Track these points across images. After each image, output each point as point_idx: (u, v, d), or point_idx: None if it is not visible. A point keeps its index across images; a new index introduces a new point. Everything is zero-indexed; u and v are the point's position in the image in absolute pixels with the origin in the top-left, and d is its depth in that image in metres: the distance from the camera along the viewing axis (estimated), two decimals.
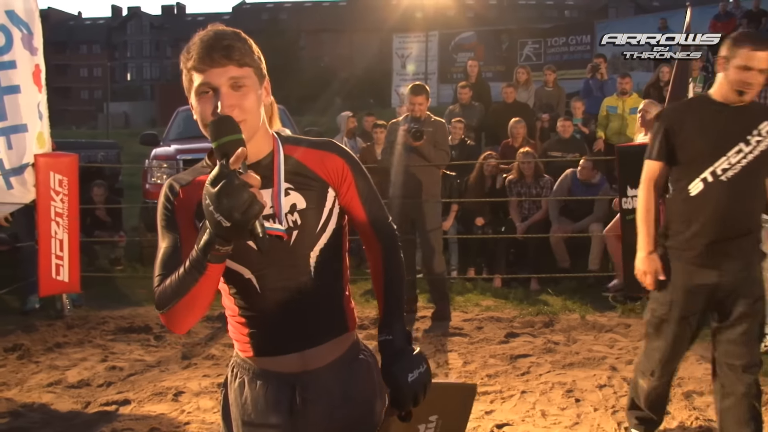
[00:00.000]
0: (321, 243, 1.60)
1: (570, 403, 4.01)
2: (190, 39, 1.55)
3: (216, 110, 1.47)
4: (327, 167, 1.62)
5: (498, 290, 6.79)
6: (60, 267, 5.56)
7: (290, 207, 1.56)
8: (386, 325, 1.64)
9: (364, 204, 1.67)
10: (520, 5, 60.36)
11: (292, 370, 1.60)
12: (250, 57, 1.52)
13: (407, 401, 1.57)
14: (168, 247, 1.56)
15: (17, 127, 5.27)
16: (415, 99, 5.68)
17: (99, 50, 64.48)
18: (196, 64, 1.48)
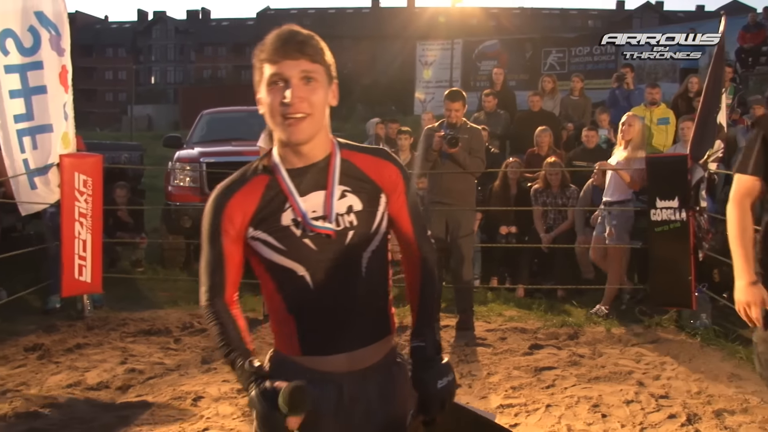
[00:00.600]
0: (373, 245, 1.65)
1: (596, 419, 3.90)
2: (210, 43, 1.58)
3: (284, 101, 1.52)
4: (382, 174, 1.68)
5: (521, 300, 6.69)
6: (83, 267, 5.57)
7: (347, 208, 1.62)
8: (420, 333, 1.69)
9: (410, 214, 1.74)
10: (543, 14, 60.26)
11: (339, 370, 1.62)
12: (321, 56, 1.57)
13: (435, 407, 1.62)
14: (213, 260, 1.63)
15: (43, 127, 5.31)
16: (452, 105, 5.63)
17: (124, 54, 65.24)
18: (270, 56, 1.54)
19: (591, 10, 63.43)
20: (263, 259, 1.62)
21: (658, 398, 4.17)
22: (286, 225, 1.59)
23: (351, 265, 1.62)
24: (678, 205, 5.37)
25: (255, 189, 1.59)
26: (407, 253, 1.78)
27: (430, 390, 1.61)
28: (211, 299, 1.63)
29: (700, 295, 5.50)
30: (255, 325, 5.78)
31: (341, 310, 1.61)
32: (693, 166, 5.40)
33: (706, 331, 5.40)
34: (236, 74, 62.15)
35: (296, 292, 1.61)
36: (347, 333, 1.62)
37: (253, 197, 1.58)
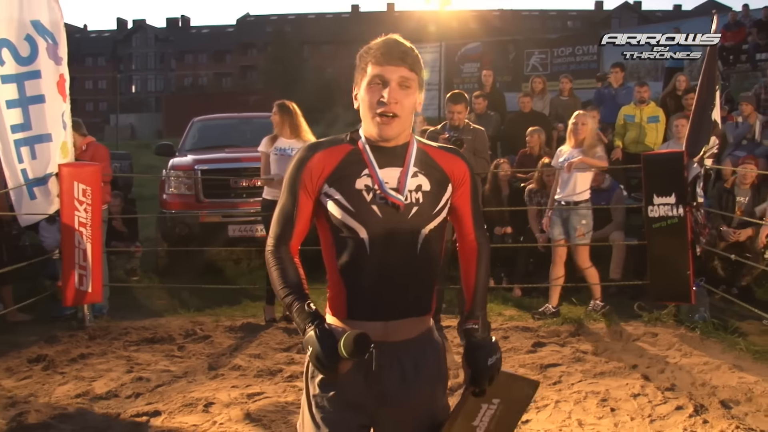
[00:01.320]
0: (432, 224, 1.81)
1: (606, 413, 3.96)
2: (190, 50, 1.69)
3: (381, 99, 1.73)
4: (453, 167, 1.88)
5: (519, 300, 6.75)
6: (83, 277, 5.54)
7: (416, 186, 1.80)
8: (473, 316, 1.90)
9: (472, 207, 1.94)
10: (523, 16, 60.62)
11: (374, 338, 1.72)
12: (418, 66, 1.78)
13: (484, 381, 1.81)
14: (287, 208, 1.82)
15: (42, 137, 5.28)
16: (455, 107, 5.67)
17: (104, 63, 64.80)
18: (375, 59, 1.75)
19: (570, 11, 63.95)
20: (331, 217, 1.78)
21: (664, 391, 4.23)
22: (359, 189, 1.76)
23: (408, 239, 1.77)
24: (675, 201, 5.45)
25: (338, 152, 1.80)
26: (464, 242, 1.97)
27: (481, 366, 1.80)
28: (277, 245, 1.82)
29: (698, 289, 5.58)
30: (257, 330, 5.79)
31: (389, 279, 1.76)
32: (689, 163, 5.49)
33: (705, 324, 5.49)
34: (217, 81, 61.98)
35: (353, 254, 1.76)
36: (389, 303, 1.77)
37: (335, 158, 1.79)
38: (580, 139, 5.98)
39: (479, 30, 40.51)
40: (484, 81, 9.95)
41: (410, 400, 1.82)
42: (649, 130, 8.24)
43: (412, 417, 1.85)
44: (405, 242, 1.76)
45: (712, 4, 49.25)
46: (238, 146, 8.40)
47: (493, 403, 1.90)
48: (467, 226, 1.94)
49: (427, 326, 1.88)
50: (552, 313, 6.03)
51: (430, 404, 1.87)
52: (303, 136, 5.85)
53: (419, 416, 1.85)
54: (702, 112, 5.49)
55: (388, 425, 1.84)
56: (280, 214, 1.83)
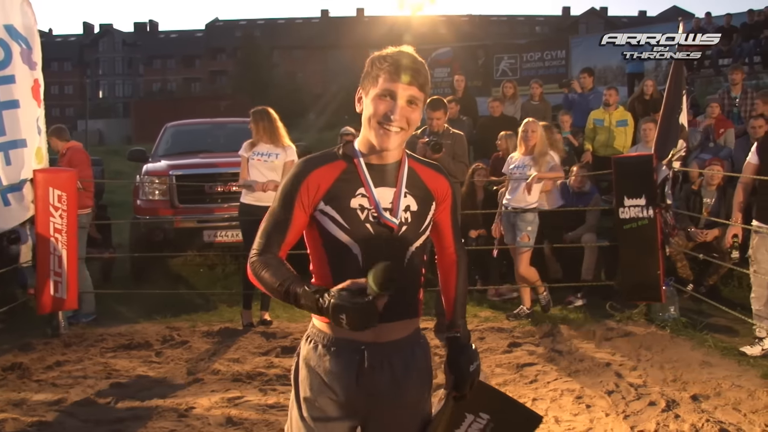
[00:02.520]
0: (418, 242, 1.90)
1: (581, 410, 4.06)
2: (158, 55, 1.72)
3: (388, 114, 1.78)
4: (437, 185, 1.96)
5: (494, 301, 6.85)
6: (58, 284, 5.50)
7: (406, 207, 1.88)
8: (455, 324, 2.03)
9: (452, 222, 2.04)
10: (491, 21, 61.17)
11: (364, 339, 1.81)
12: (427, 86, 1.84)
13: (466, 385, 1.92)
14: (278, 222, 1.84)
15: (16, 143, 5.23)
16: (434, 114, 5.73)
17: (70, 68, 63.80)
18: (390, 74, 1.79)
19: (538, 17, 64.76)
20: (325, 233, 1.84)
21: (637, 387, 4.35)
22: (353, 207, 1.83)
23: (397, 255, 1.84)
24: (645, 202, 5.59)
25: (334, 169, 1.84)
26: (443, 255, 2.08)
27: (464, 371, 1.92)
28: (262, 252, 1.83)
29: (668, 289, 5.73)
30: (235, 335, 5.80)
31: None
32: (658, 165, 5.63)
33: (675, 322, 5.64)
34: (186, 87, 61.37)
35: (346, 267, 1.81)
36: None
37: (331, 175, 1.83)
38: (530, 146, 6.05)
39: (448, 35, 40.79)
40: (456, 86, 10.07)
41: (401, 399, 1.87)
42: (618, 134, 8.43)
43: (402, 416, 1.90)
44: (394, 258, 1.77)
45: (675, 10, 50.31)
46: (212, 151, 8.39)
47: (482, 417, 2.00)
48: (447, 239, 2.05)
49: (415, 327, 1.95)
50: (527, 314, 6.12)
51: (419, 403, 1.93)
52: (282, 141, 5.88)
53: (408, 415, 1.91)
54: (670, 115, 5.64)
55: (378, 425, 1.88)
56: (271, 224, 1.85)
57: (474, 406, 1.99)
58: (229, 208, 7.21)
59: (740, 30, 15.09)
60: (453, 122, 8.92)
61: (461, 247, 2.09)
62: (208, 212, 7.47)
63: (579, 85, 10.07)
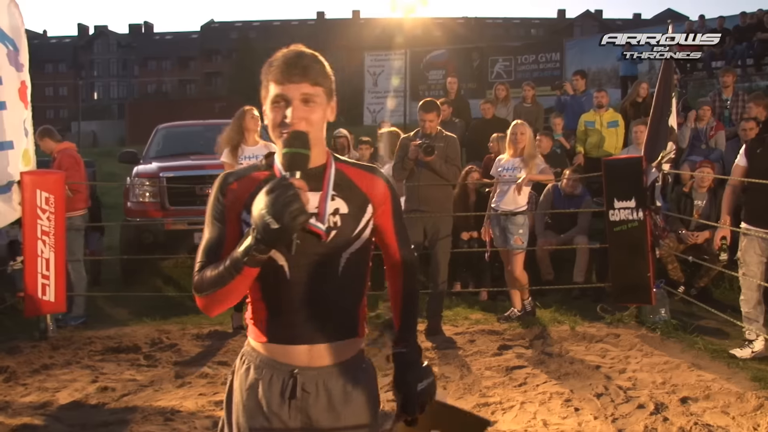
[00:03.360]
0: (353, 248, 1.74)
1: (570, 413, 4.04)
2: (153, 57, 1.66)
3: (284, 120, 1.67)
4: (372, 187, 1.81)
5: (485, 303, 6.84)
6: (46, 287, 5.46)
7: (334, 210, 1.73)
8: (403, 339, 1.86)
9: (395, 225, 1.88)
10: (487, 24, 61.28)
11: (298, 363, 1.71)
12: (323, 77, 1.71)
13: (415, 407, 1.77)
14: (213, 238, 1.73)
15: (2, 144, 5.19)
16: (426, 116, 5.71)
17: (65, 69, 63.68)
18: (276, 77, 1.68)
19: (533, 19, 64.90)
20: None
21: (626, 390, 4.34)
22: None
23: (329, 263, 1.71)
24: (635, 205, 5.59)
25: (254, 179, 1.74)
26: (390, 261, 1.92)
27: (411, 391, 1.76)
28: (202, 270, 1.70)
29: (658, 291, 5.73)
30: (225, 337, 5.78)
31: (312, 303, 1.70)
32: (648, 168, 5.63)
33: (665, 324, 5.63)
34: (181, 88, 61.35)
35: (273, 280, 1.70)
36: (311, 327, 1.70)
37: (251, 184, 1.72)
38: (519, 149, 6.02)
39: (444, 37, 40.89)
40: (449, 88, 10.07)
41: (338, 425, 1.73)
42: (609, 135, 8.43)
43: None
44: (326, 266, 1.71)
45: (669, 13, 50.47)
46: (203, 153, 8.34)
47: None
48: (391, 245, 1.89)
49: (357, 349, 1.80)
50: (517, 316, 6.11)
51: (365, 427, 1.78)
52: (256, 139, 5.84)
53: None
54: (659, 118, 5.64)
55: None
56: (206, 246, 1.73)
57: (426, 426, 1.86)
58: None
59: (733, 32, 15.14)
60: (445, 124, 8.92)
61: (408, 253, 1.92)
62: (199, 214, 7.39)
63: (571, 87, 10.08)
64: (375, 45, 28.72)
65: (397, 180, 6.12)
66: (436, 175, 5.75)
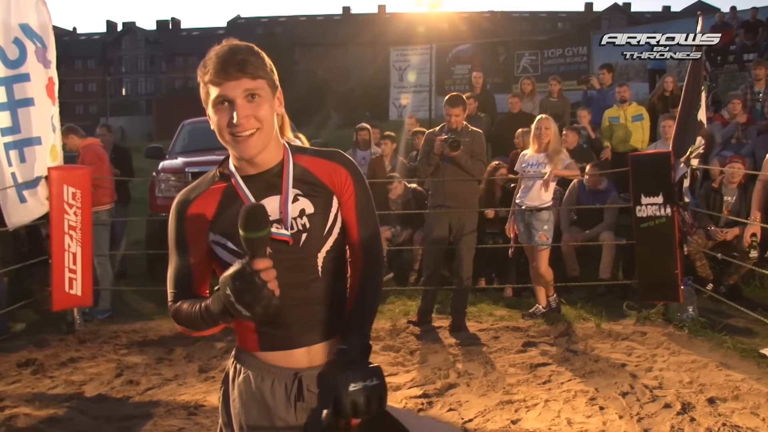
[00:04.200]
0: (327, 246, 1.69)
1: (594, 411, 3.99)
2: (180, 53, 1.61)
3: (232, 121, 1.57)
4: (333, 177, 1.72)
5: (509, 300, 6.78)
6: (73, 281, 5.53)
7: (299, 212, 1.67)
8: (345, 336, 1.67)
9: (358, 217, 1.75)
10: (513, 17, 60.83)
11: (298, 366, 1.68)
12: (263, 69, 1.62)
13: (345, 409, 1.54)
14: (179, 267, 1.69)
15: (30, 140, 5.27)
16: (452, 110, 5.68)
17: (94, 65, 64.56)
18: (213, 78, 1.58)
19: (560, 13, 64.30)
20: (222, 263, 1.66)
21: (652, 389, 4.27)
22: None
23: (306, 267, 1.66)
24: (662, 200, 5.49)
25: (213, 195, 1.67)
26: (353, 255, 1.79)
27: (340, 392, 1.55)
28: (175, 300, 1.68)
29: (686, 288, 5.63)
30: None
31: (299, 307, 1.66)
32: (676, 163, 5.53)
33: (692, 322, 5.53)
34: None
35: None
36: (306, 330, 1.67)
37: (212, 202, 1.66)
38: (543, 144, 5.95)
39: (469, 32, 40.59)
40: (474, 82, 9.99)
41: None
42: (635, 129, 8.31)
43: None
44: (304, 270, 1.66)
45: (700, 5, 49.58)
46: None
47: None
48: (352, 236, 1.76)
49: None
50: (542, 313, 6.05)
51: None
52: (286, 134, 5.83)
53: None
54: (688, 112, 5.53)
55: None
56: (174, 271, 1.69)
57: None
58: None
59: (766, 24, 14.81)
60: (470, 119, 8.87)
61: (373, 246, 1.78)
62: None
63: (598, 82, 9.94)
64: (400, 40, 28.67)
65: (422, 176, 6.10)
66: (462, 171, 5.71)
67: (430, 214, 5.92)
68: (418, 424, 1.76)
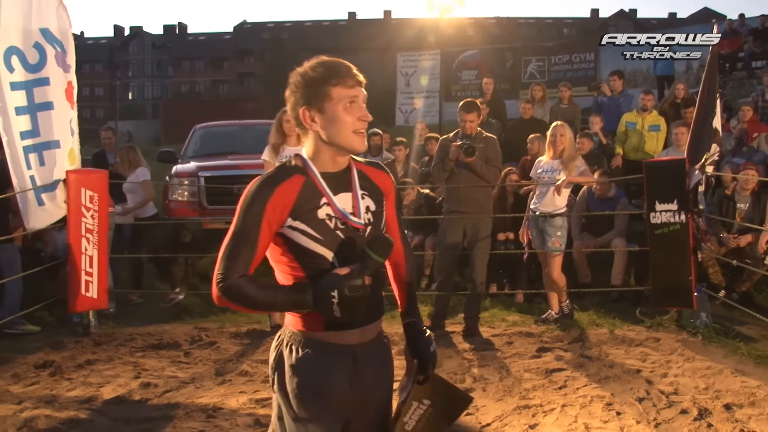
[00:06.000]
0: None
1: (611, 417, 4.00)
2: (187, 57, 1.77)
3: (364, 118, 1.91)
4: (382, 181, 2.07)
5: (521, 305, 6.79)
6: (89, 283, 5.57)
7: (366, 208, 1.97)
8: (411, 312, 2.14)
9: (397, 216, 2.16)
10: (519, 23, 60.83)
11: (353, 342, 1.93)
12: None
13: (431, 366, 2.07)
14: (245, 246, 1.83)
15: (50, 144, 5.32)
16: (467, 116, 5.71)
17: (101, 69, 64.78)
18: (345, 81, 1.89)
19: (566, 19, 64.22)
20: (297, 247, 1.88)
21: (668, 395, 4.28)
22: (321, 218, 1.88)
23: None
24: (677, 207, 5.50)
25: (294, 185, 1.87)
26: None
27: (425, 353, 2.06)
28: (232, 274, 1.82)
29: (699, 295, 5.64)
30: (263, 336, 5.82)
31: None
32: (691, 170, 5.54)
33: (706, 329, 5.54)
34: (214, 88, 61.95)
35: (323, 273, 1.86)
36: (362, 311, 1.86)
37: (293, 192, 1.86)
38: (559, 151, 5.98)
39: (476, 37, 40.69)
40: (485, 88, 10.01)
41: (381, 391, 2.02)
42: (649, 138, 8.31)
43: (382, 407, 2.04)
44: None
45: (706, 11, 49.57)
46: (240, 153, 8.44)
47: (423, 404, 2.10)
48: (394, 232, 2.11)
49: (381, 324, 2.05)
50: (555, 319, 6.06)
51: (391, 391, 2.09)
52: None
53: (386, 405, 2.06)
54: (703, 119, 5.55)
55: (362, 419, 1.98)
56: (238, 245, 1.83)
57: (420, 395, 2.10)
58: None
59: None
60: (482, 125, 8.87)
61: (406, 238, 2.19)
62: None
63: (609, 88, 9.96)
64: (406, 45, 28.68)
65: (437, 181, 6.12)
66: (476, 176, 5.73)
67: (445, 220, 5.95)
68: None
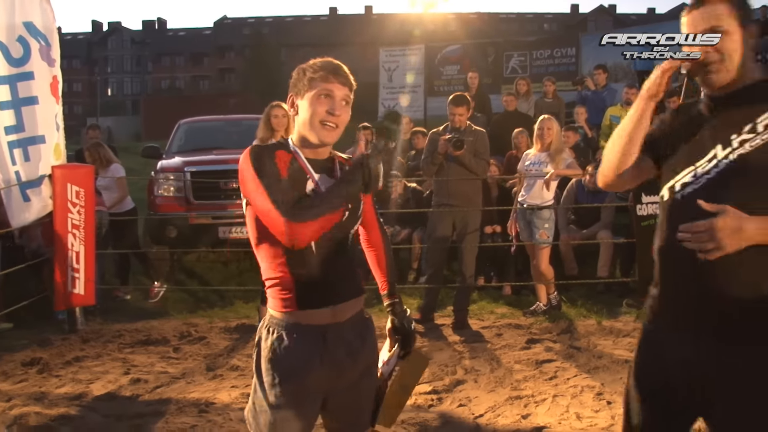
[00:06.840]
0: (357, 224, 2.13)
1: (602, 406, 4.05)
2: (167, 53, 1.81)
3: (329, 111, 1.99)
4: None
5: (509, 298, 6.83)
6: (76, 280, 5.52)
7: None
8: (392, 293, 2.28)
9: (373, 203, 2.29)
10: (500, 19, 61.04)
11: (323, 322, 2.01)
12: (354, 89, 2.07)
13: (412, 342, 2.25)
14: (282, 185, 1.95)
15: (35, 139, 5.26)
16: (456, 110, 5.73)
17: (79, 65, 64.03)
18: (325, 76, 2.00)
19: (546, 14, 64.64)
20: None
21: None
22: (308, 194, 2.00)
23: (343, 238, 2.06)
24: None
25: (285, 157, 2.03)
26: (371, 234, 2.30)
27: (407, 329, 2.24)
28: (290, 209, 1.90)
29: None
30: (252, 330, 5.78)
31: (331, 271, 2.02)
32: None
33: None
34: (195, 84, 61.52)
35: (301, 257, 1.98)
36: (333, 290, 2.02)
37: (286, 162, 2.01)
38: (546, 144, 6.04)
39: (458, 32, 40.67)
40: (470, 83, 10.03)
41: (356, 368, 2.08)
42: None
43: (360, 383, 2.12)
44: (340, 241, 2.04)
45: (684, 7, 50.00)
46: (225, 148, 8.38)
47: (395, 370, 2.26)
48: (372, 219, 2.27)
49: (362, 304, 2.15)
50: (543, 310, 6.11)
51: (371, 368, 2.17)
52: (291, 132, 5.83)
53: (365, 382, 2.14)
54: None
55: (339, 395, 2.08)
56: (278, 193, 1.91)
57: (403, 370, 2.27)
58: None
59: None
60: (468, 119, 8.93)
61: (382, 225, 2.33)
62: (223, 208, 7.46)
63: (592, 82, 10.02)
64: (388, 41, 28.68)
65: (427, 175, 6.13)
66: (465, 170, 5.75)
67: (434, 213, 5.97)
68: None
